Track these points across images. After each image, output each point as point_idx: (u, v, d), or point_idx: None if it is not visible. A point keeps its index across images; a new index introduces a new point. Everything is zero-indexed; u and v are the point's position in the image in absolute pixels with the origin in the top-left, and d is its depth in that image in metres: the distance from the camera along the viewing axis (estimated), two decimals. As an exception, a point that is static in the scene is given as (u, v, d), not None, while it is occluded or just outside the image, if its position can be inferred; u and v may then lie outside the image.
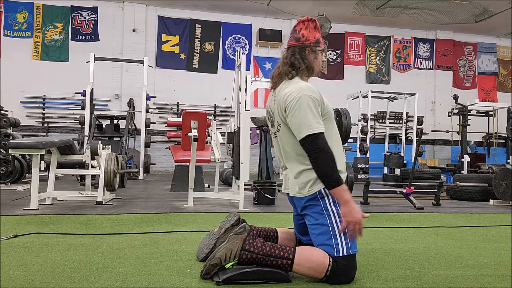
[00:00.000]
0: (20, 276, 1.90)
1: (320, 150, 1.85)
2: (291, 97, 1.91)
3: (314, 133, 1.86)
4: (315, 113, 1.90)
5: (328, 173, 1.86)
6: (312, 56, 2.06)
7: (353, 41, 12.72)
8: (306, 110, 1.88)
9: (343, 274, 1.84)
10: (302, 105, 1.88)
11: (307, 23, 2.07)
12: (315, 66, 2.09)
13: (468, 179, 6.01)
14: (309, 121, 1.87)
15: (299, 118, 1.88)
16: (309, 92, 1.93)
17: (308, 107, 1.88)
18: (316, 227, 1.91)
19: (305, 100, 1.89)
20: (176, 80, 11.48)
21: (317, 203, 1.92)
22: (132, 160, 8.70)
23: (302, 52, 2.04)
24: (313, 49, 2.06)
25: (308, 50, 2.05)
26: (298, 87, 1.94)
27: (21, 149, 4.03)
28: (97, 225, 3.29)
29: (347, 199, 1.86)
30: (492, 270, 2.19)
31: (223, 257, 1.84)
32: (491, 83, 13.54)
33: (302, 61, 2.04)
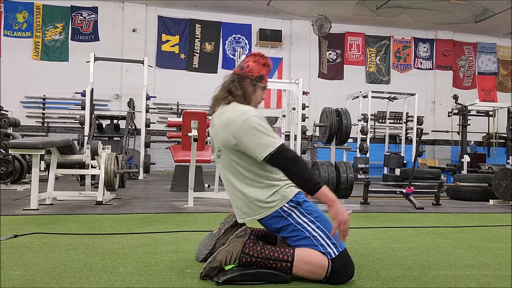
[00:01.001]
0: (20, 276, 1.90)
1: (291, 159, 1.83)
2: (237, 122, 1.87)
3: (277, 146, 1.83)
4: (268, 128, 1.88)
5: (307, 178, 1.84)
6: (251, 88, 2.04)
7: (353, 41, 12.72)
8: (259, 129, 1.85)
9: (342, 272, 1.85)
10: (253, 126, 1.85)
11: (257, 58, 2.06)
12: (253, 98, 2.05)
13: (468, 179, 6.01)
14: (267, 139, 1.84)
15: (255, 140, 1.84)
16: (254, 112, 1.91)
17: (259, 126, 1.86)
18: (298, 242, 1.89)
19: (254, 120, 1.86)
20: (176, 80, 11.48)
21: (287, 223, 1.90)
22: (132, 160, 8.70)
23: (242, 81, 2.03)
24: (253, 82, 2.04)
25: (247, 81, 2.03)
26: (240, 111, 1.92)
27: (21, 149, 4.03)
28: (97, 225, 3.28)
29: (333, 199, 1.84)
30: (492, 270, 2.19)
31: (223, 260, 1.85)
32: (491, 83, 13.55)
33: (239, 89, 2.01)
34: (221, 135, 1.95)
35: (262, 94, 2.10)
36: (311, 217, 1.90)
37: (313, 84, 12.24)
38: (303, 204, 1.92)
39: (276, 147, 1.83)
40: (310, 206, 1.94)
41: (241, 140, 1.87)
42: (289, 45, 12.21)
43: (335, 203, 1.84)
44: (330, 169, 4.52)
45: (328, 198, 1.85)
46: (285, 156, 1.83)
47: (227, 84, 2.06)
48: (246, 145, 1.87)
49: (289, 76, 11.59)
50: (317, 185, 1.84)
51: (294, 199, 1.92)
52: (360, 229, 3.39)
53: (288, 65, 12.21)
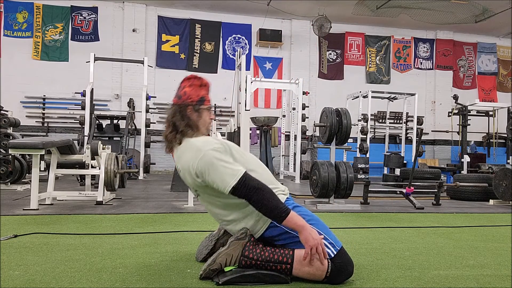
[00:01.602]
0: (20, 276, 1.90)
1: (255, 189, 1.79)
2: (195, 163, 1.85)
3: (239, 178, 1.79)
4: (227, 159, 1.84)
5: (273, 207, 1.79)
6: (196, 114, 1.99)
7: (353, 41, 12.72)
8: (216, 164, 1.81)
9: (342, 271, 1.84)
10: (211, 161, 1.82)
11: (192, 81, 2.04)
12: (200, 124, 2.00)
13: (468, 179, 6.01)
14: (227, 171, 1.80)
15: (216, 175, 1.80)
16: (207, 146, 1.86)
17: (216, 159, 1.82)
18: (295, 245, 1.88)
19: (210, 156, 1.83)
20: (176, 80, 11.42)
21: (281, 230, 1.89)
22: (132, 160, 8.71)
23: (184, 111, 1.98)
24: (196, 108, 1.99)
25: (189, 108, 1.98)
26: (195, 149, 1.88)
27: (21, 149, 4.03)
28: (97, 225, 3.29)
29: (302, 224, 1.80)
30: (492, 270, 2.19)
31: (223, 262, 1.85)
32: (491, 83, 13.55)
33: (183, 120, 1.96)
34: (188, 179, 1.93)
35: (209, 115, 2.05)
36: None
37: (313, 84, 12.25)
38: (294, 210, 1.91)
39: (238, 179, 1.79)
40: (300, 211, 1.94)
41: (205, 178, 1.85)
42: (289, 45, 12.21)
43: (305, 229, 1.79)
44: (330, 169, 4.52)
45: (297, 224, 1.80)
46: (248, 187, 1.79)
47: (170, 118, 1.99)
48: (211, 182, 1.84)
49: (289, 76, 11.59)
50: (283, 213, 1.79)
51: None
52: (360, 229, 3.39)
53: (288, 65, 12.21)
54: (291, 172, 9.38)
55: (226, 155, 1.85)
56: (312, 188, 4.83)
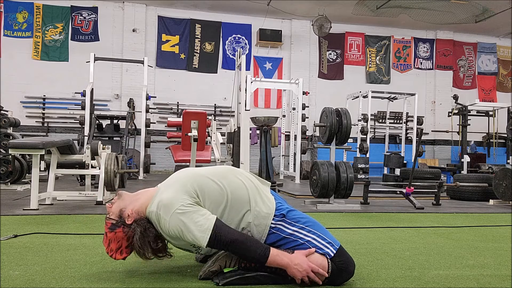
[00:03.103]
0: (20, 276, 1.90)
1: (229, 243, 1.74)
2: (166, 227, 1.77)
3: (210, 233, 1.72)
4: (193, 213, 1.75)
5: (252, 255, 1.75)
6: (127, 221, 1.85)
7: (353, 41, 12.72)
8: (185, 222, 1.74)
9: (343, 270, 1.83)
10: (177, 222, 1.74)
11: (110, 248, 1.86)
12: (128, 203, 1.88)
13: (468, 179, 6.01)
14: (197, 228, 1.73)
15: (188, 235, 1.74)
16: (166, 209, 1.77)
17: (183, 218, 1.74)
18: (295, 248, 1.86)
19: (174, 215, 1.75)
20: (176, 80, 11.48)
21: (278, 237, 1.87)
22: (132, 160, 8.71)
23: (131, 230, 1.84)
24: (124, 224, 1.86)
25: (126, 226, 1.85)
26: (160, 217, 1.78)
27: (21, 149, 4.03)
28: (97, 225, 3.28)
29: (285, 263, 1.76)
30: (492, 270, 2.18)
31: (222, 264, 1.85)
32: (491, 83, 13.55)
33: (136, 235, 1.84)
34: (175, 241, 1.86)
35: None
36: (300, 224, 1.88)
37: (313, 84, 12.25)
38: (288, 214, 1.90)
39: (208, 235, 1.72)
40: (295, 214, 1.92)
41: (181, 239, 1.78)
42: (289, 45, 12.21)
43: (289, 264, 1.76)
44: (330, 169, 4.52)
45: (281, 263, 1.76)
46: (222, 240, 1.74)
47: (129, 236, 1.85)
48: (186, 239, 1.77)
49: (289, 76, 11.59)
50: (263, 256, 1.75)
51: (278, 213, 1.89)
52: (360, 229, 3.39)
53: (288, 65, 12.22)
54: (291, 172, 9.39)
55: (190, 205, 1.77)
56: (312, 188, 4.83)
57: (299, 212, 1.96)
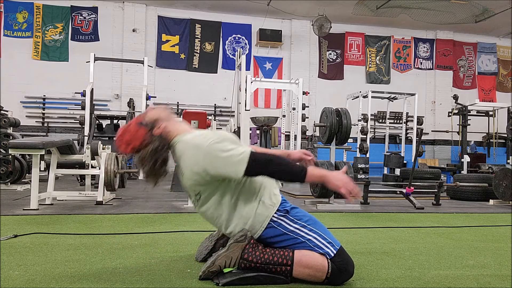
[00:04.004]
0: (20, 276, 1.90)
1: (266, 162, 1.77)
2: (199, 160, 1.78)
3: (247, 160, 1.75)
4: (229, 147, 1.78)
5: (290, 171, 1.80)
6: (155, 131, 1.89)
7: (353, 41, 12.72)
8: (222, 154, 1.76)
9: (343, 270, 1.83)
10: (215, 155, 1.77)
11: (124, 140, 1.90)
12: (164, 119, 1.93)
13: (468, 179, 6.01)
14: (233, 158, 1.75)
15: (225, 166, 1.76)
16: (207, 140, 1.80)
17: (221, 151, 1.77)
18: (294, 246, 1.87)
19: (213, 149, 1.78)
20: (176, 80, 11.48)
21: (279, 232, 1.88)
22: (132, 160, 8.70)
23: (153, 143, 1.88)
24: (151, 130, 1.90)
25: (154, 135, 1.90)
26: (195, 147, 1.81)
27: (21, 149, 4.03)
28: (97, 225, 3.28)
29: (323, 174, 1.82)
30: (492, 270, 2.18)
31: (222, 265, 1.84)
32: (491, 83, 13.55)
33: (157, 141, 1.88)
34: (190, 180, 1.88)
35: None
36: (302, 222, 1.89)
37: (313, 84, 12.25)
38: (291, 211, 1.91)
39: (247, 161, 1.75)
40: (298, 212, 1.93)
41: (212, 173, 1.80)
42: (289, 45, 12.21)
43: (327, 177, 1.81)
44: (330, 169, 4.52)
45: (319, 176, 1.82)
46: (259, 163, 1.77)
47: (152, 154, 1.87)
48: (220, 175, 1.80)
49: (289, 76, 11.59)
50: (302, 172, 1.79)
51: (281, 208, 1.90)
52: (360, 229, 3.39)
53: (288, 65, 12.22)
54: (291, 172, 9.36)
55: (226, 143, 1.80)
56: (312, 188, 4.83)
57: (302, 211, 1.96)
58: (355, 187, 1.80)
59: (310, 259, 1.83)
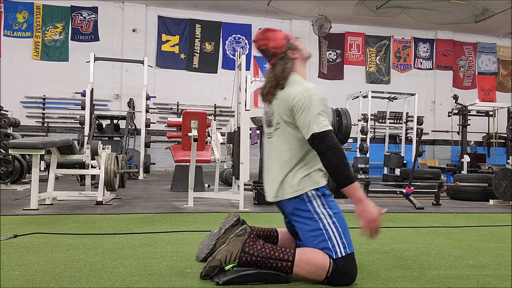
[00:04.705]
0: (20, 276, 1.90)
1: (332, 147, 1.83)
2: (298, 96, 1.89)
3: (324, 130, 1.84)
4: (323, 112, 1.89)
5: (341, 170, 1.83)
6: (291, 62, 2.01)
7: (353, 41, 12.72)
8: (315, 109, 1.86)
9: (344, 275, 1.82)
10: (312, 104, 1.87)
11: (263, 35, 2.04)
12: (299, 69, 2.04)
13: (468, 179, 6.01)
14: (318, 120, 1.85)
15: (308, 117, 1.85)
16: (316, 92, 1.92)
17: (317, 106, 1.87)
18: (308, 232, 1.88)
19: (314, 99, 1.88)
20: (176, 80, 11.48)
21: (305, 208, 1.90)
22: (132, 160, 8.70)
23: (281, 62, 2.00)
24: (286, 57, 2.01)
25: (286, 58, 2.00)
26: (304, 87, 1.93)
27: (21, 149, 4.03)
28: (97, 225, 3.28)
29: (361, 197, 1.83)
30: (492, 270, 2.19)
31: (223, 259, 1.84)
32: (491, 83, 13.55)
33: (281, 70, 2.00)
34: (282, 107, 1.95)
35: (303, 60, 2.08)
36: (331, 211, 1.90)
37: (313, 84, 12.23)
38: (328, 197, 1.94)
39: (321, 130, 1.83)
40: (333, 201, 1.95)
41: (296, 115, 1.89)
42: (289, 45, 12.19)
43: (363, 202, 1.83)
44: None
45: (356, 195, 1.83)
46: (326, 142, 1.83)
47: (269, 74, 2.04)
48: (299, 122, 1.89)
49: (289, 76, 11.57)
50: (349, 179, 1.82)
51: (321, 189, 1.93)
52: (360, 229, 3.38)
53: (288, 65, 12.19)
54: (291, 172, 9.36)
55: (324, 108, 1.91)
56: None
57: (335, 202, 1.97)
58: (377, 231, 1.83)
59: (311, 256, 1.82)
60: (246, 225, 1.96)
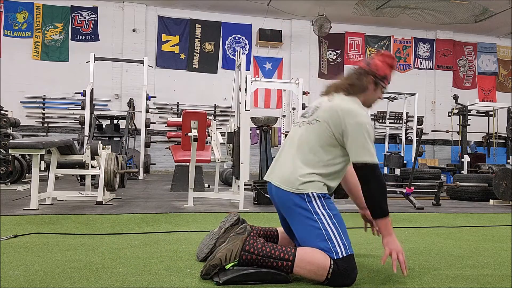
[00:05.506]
0: (20, 276, 1.90)
1: (378, 180, 1.90)
2: (352, 116, 1.92)
3: (376, 163, 1.91)
4: (372, 143, 1.93)
5: (381, 204, 1.90)
6: (372, 85, 2.06)
7: (353, 41, 12.73)
8: (367, 138, 1.91)
9: (345, 275, 1.82)
10: (365, 132, 1.90)
11: (386, 58, 2.08)
12: (370, 96, 2.08)
13: (468, 179, 6.01)
14: (371, 150, 1.91)
15: (361, 143, 1.89)
16: (369, 120, 1.97)
17: (368, 136, 1.91)
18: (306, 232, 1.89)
19: (367, 128, 1.92)
20: (176, 80, 11.48)
21: (305, 207, 1.90)
22: (132, 160, 8.70)
23: (365, 76, 2.05)
24: (376, 80, 2.06)
25: (370, 77, 2.05)
26: (359, 109, 1.97)
27: (21, 149, 4.03)
28: (97, 225, 3.29)
29: (391, 232, 1.93)
30: (492, 270, 2.19)
31: (223, 257, 1.83)
32: (491, 83, 13.55)
33: (361, 82, 2.04)
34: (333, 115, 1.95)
35: (380, 94, 2.12)
36: (331, 212, 1.91)
37: (313, 84, 12.24)
38: (327, 199, 1.95)
39: (373, 162, 1.90)
40: (332, 203, 1.96)
41: (348, 134, 1.91)
42: (289, 45, 12.21)
43: (391, 235, 1.92)
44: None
45: (387, 229, 1.92)
46: (375, 175, 1.90)
47: (352, 75, 2.07)
48: (350, 142, 1.91)
49: (289, 76, 11.58)
50: (384, 212, 1.91)
51: (322, 192, 1.94)
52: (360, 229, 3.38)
53: (288, 65, 12.21)
54: (291, 172, 9.36)
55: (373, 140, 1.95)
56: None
57: (335, 206, 1.99)
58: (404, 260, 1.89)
59: (312, 256, 1.82)
60: (246, 224, 1.97)
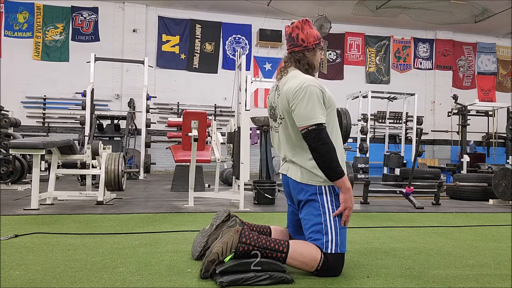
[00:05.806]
0: (21, 276, 1.91)
1: (323, 142, 1.87)
2: (296, 88, 1.93)
3: (317, 123, 1.88)
4: (319, 104, 1.92)
5: (331, 166, 1.89)
6: (311, 53, 2.09)
7: (353, 41, 12.73)
8: (310, 100, 1.90)
9: (332, 269, 1.92)
10: (307, 95, 1.90)
11: (303, 25, 2.08)
12: (315, 62, 2.12)
13: (467, 179, 6.01)
14: (313, 112, 1.89)
15: (303, 108, 1.89)
16: (314, 83, 1.95)
17: (312, 97, 1.90)
18: (310, 222, 1.97)
19: (310, 90, 1.91)
20: (176, 80, 11.48)
21: (315, 199, 1.97)
22: (133, 160, 8.71)
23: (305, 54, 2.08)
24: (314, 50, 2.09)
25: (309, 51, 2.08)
26: (302, 79, 1.97)
27: (21, 149, 4.03)
28: (97, 225, 3.29)
29: (349, 187, 1.95)
30: (492, 270, 2.19)
31: (220, 251, 1.86)
32: (490, 83, 13.55)
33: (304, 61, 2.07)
34: (283, 102, 2.00)
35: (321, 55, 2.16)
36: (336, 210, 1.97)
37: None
38: (336, 196, 1.99)
39: (318, 123, 1.88)
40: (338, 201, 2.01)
41: (293, 106, 1.93)
42: (289, 45, 12.19)
43: (349, 192, 1.95)
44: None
45: (345, 185, 1.94)
46: (320, 136, 1.87)
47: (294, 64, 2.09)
48: (294, 113, 1.93)
49: (289, 76, 11.57)
50: (338, 174, 1.90)
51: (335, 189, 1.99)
52: (360, 228, 3.39)
53: (288, 65, 12.19)
54: (291, 172, 9.36)
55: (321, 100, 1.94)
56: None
57: None
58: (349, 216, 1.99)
59: (304, 248, 1.91)
60: (235, 217, 2.02)
